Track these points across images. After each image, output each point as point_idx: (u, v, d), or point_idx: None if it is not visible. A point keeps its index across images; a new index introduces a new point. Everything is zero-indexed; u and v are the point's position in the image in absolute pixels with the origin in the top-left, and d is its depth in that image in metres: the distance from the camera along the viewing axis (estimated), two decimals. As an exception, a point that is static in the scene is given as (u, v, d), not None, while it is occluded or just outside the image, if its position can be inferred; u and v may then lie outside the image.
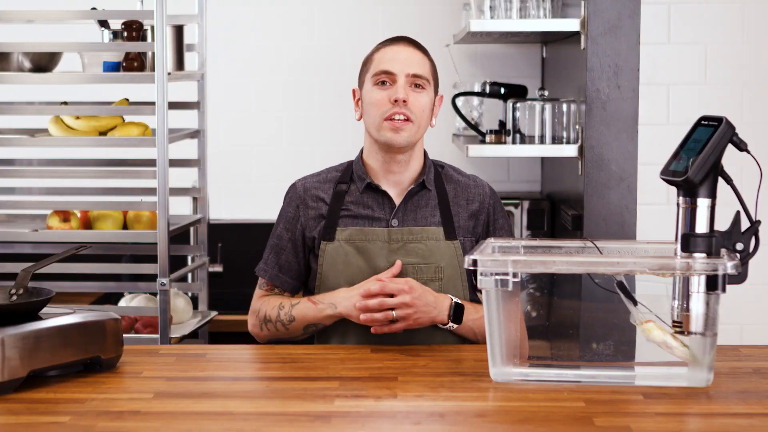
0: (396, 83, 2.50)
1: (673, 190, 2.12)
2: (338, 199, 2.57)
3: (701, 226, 2.08)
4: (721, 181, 2.09)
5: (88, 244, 2.47)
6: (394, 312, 2.38)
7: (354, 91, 2.62)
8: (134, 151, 3.76)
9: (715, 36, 3.36)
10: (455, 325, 2.45)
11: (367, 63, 2.57)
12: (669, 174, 2.09)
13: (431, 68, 2.56)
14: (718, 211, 2.09)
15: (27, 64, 3.23)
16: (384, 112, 2.50)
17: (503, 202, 3.72)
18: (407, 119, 2.49)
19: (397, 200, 2.57)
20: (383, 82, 2.52)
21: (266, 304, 2.56)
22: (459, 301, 2.46)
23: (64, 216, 3.28)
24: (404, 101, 2.48)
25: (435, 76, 2.57)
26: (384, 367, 2.26)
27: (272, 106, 4.35)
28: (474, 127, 3.79)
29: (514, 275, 2.11)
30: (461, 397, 2.04)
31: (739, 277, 2.06)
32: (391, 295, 2.39)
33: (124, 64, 3.21)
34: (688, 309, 2.08)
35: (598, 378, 2.14)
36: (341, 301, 2.45)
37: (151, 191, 3.17)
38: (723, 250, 2.09)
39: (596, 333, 2.22)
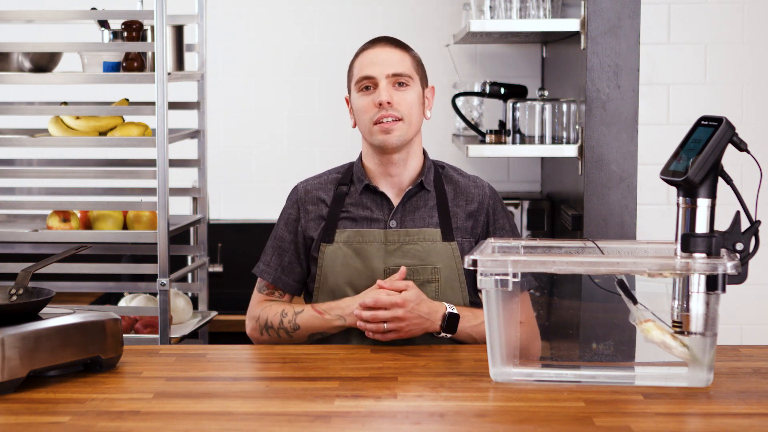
0: (378, 87, 2.50)
1: (673, 190, 2.12)
2: (338, 201, 2.57)
3: (701, 226, 2.08)
4: (721, 181, 2.09)
5: (88, 244, 2.47)
6: (385, 325, 2.39)
7: (347, 99, 2.62)
8: (134, 151, 3.77)
9: (715, 36, 3.36)
10: (448, 335, 2.45)
11: (350, 70, 2.58)
12: (669, 174, 2.09)
13: (413, 63, 2.55)
14: (718, 211, 2.09)
15: (27, 64, 3.23)
16: (372, 116, 2.50)
17: (503, 202, 3.72)
18: (396, 119, 2.49)
19: (396, 201, 2.57)
20: (366, 87, 2.52)
21: (267, 311, 2.55)
22: (454, 311, 2.44)
23: (64, 216, 3.28)
24: (388, 103, 2.48)
25: (420, 69, 2.56)
26: (384, 367, 2.25)
27: (272, 106, 4.35)
28: (474, 127, 3.79)
29: (514, 275, 2.11)
30: (461, 397, 2.04)
31: (739, 277, 2.05)
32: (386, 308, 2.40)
33: (124, 64, 3.20)
34: (688, 309, 2.07)
35: (598, 378, 2.14)
36: (349, 312, 2.45)
37: (151, 191, 3.17)
38: (723, 250, 2.08)
39: (596, 333, 2.22)
